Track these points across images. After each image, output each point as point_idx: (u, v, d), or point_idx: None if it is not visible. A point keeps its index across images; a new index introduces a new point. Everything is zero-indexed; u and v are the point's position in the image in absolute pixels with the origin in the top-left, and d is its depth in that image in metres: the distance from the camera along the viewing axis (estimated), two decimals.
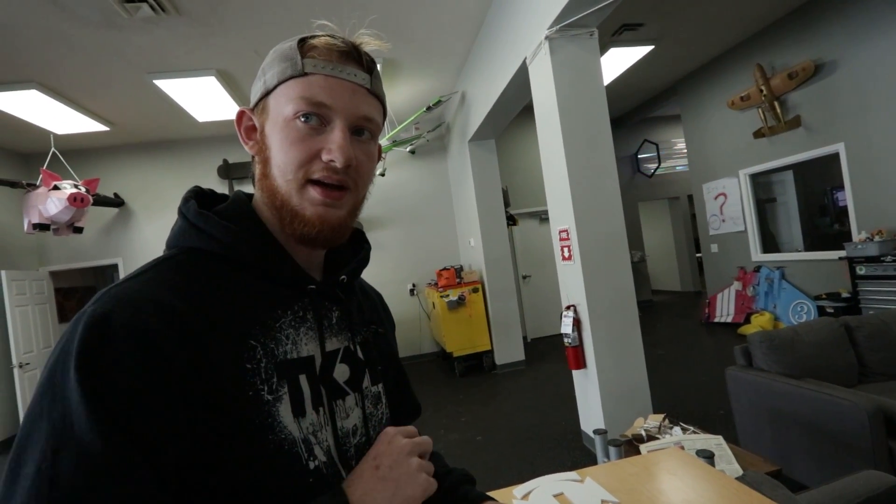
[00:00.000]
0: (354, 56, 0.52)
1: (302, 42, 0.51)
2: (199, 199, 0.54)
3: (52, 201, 4.03)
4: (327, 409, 0.51)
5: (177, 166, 5.63)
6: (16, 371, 4.50)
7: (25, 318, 4.73)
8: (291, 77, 0.50)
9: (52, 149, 4.44)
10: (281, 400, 0.46)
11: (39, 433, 0.36)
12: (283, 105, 0.50)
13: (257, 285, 0.50)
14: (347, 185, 0.51)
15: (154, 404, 0.38)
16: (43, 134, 4.61)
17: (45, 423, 0.36)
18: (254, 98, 0.54)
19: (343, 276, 0.58)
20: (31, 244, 5.24)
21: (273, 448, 0.44)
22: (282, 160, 0.50)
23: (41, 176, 4.12)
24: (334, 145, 0.49)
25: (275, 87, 0.51)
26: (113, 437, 0.36)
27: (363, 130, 0.53)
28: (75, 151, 5.25)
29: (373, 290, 0.74)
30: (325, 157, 0.49)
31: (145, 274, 0.45)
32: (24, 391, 4.55)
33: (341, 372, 0.55)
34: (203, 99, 4.44)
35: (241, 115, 0.55)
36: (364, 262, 0.63)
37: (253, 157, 0.55)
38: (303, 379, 0.49)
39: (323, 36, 0.51)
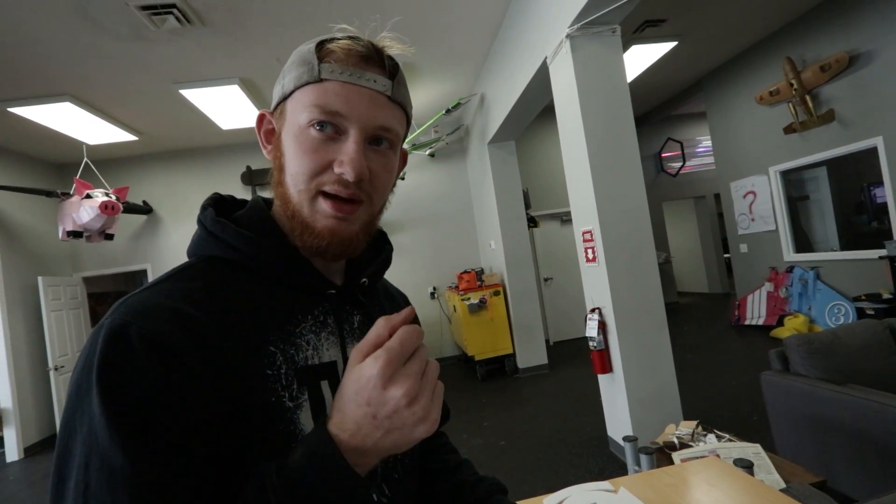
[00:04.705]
0: (376, 60, 0.49)
1: (320, 45, 0.48)
2: (217, 206, 0.54)
3: (85, 209, 4.17)
4: None
5: (202, 173, 5.76)
6: (51, 373, 4.67)
7: (60, 322, 4.91)
8: (307, 83, 0.48)
9: (85, 159, 4.60)
10: (301, 407, 0.45)
11: (76, 447, 0.37)
12: (299, 112, 0.48)
13: (276, 292, 0.49)
14: (360, 198, 0.49)
15: (175, 415, 0.38)
16: (76, 145, 4.78)
17: (79, 436, 0.37)
18: (274, 102, 0.53)
19: (364, 280, 0.57)
20: (66, 251, 5.42)
21: None
22: (294, 169, 0.48)
23: (74, 185, 4.27)
24: (346, 157, 0.47)
25: (291, 93, 0.49)
26: (133, 451, 0.35)
27: (381, 140, 0.50)
28: (106, 161, 5.42)
29: (397, 292, 0.73)
30: (336, 169, 0.47)
31: (163, 283, 0.45)
32: (59, 393, 4.71)
33: None
34: (226, 107, 4.54)
35: (261, 118, 0.54)
36: (386, 264, 0.62)
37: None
38: (325, 385, 0.48)
39: (343, 39, 0.49)
